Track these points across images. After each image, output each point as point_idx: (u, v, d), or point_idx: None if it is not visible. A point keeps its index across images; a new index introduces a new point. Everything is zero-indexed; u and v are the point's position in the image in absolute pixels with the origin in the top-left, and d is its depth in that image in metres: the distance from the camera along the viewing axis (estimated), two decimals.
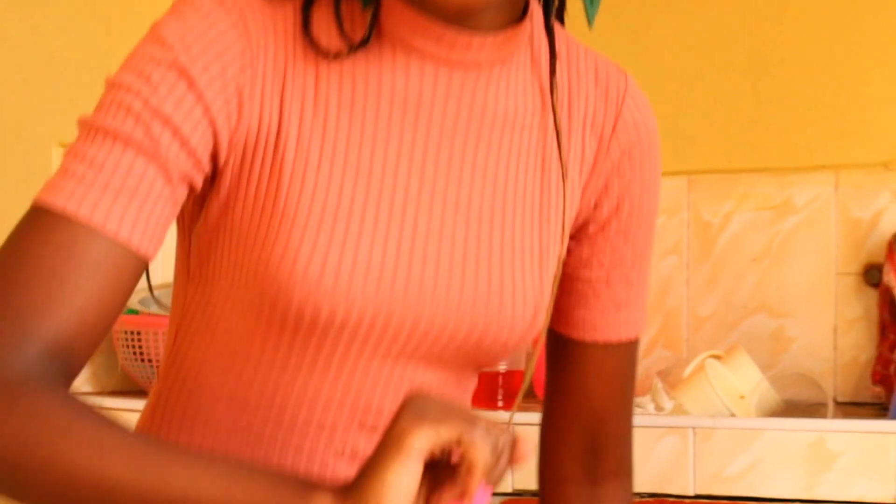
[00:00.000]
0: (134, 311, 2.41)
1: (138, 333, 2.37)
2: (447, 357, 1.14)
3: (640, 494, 1.97)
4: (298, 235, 1.07)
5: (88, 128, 1.06)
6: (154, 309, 2.33)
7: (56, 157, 2.31)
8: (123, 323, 2.38)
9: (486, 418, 0.94)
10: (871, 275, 2.55)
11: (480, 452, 0.91)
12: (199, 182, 1.07)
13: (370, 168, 1.09)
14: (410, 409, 0.93)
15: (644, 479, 1.94)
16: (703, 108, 2.68)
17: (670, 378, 2.31)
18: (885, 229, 2.54)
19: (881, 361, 2.48)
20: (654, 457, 1.96)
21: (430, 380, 1.15)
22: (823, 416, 2.23)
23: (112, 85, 1.06)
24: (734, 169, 2.67)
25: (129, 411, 2.16)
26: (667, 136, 2.63)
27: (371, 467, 0.93)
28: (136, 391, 2.42)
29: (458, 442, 0.92)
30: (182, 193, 1.07)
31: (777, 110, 2.64)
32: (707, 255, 2.68)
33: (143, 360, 2.34)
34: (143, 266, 1.06)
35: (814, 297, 2.60)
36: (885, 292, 2.48)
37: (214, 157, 1.08)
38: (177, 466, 0.96)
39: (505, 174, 1.15)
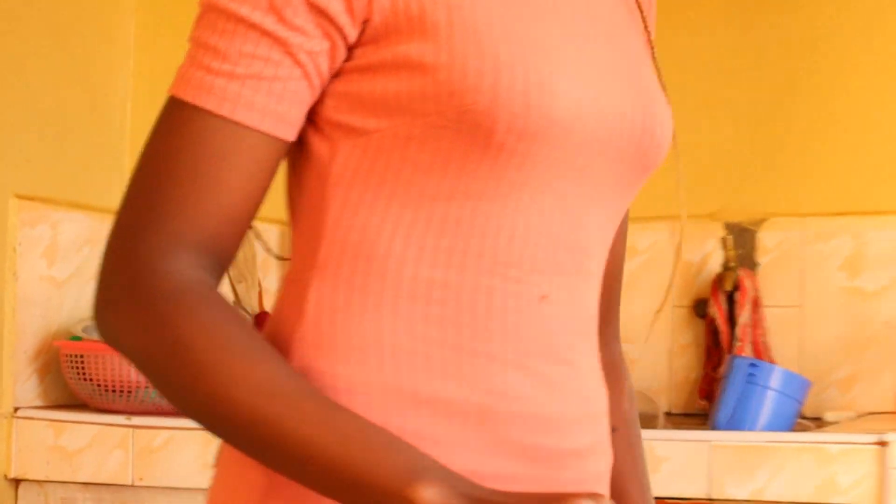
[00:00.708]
0: (77, 338, 2.42)
1: (81, 357, 2.36)
2: (620, 166, 1.05)
3: None
4: (490, 45, 0.96)
5: (212, 10, 0.95)
6: (96, 336, 2.20)
7: (13, 208, 2.28)
8: (68, 347, 2.39)
9: None
10: (700, 308, 2.67)
11: None
12: (342, 46, 0.96)
13: None
14: None
15: None
16: None
17: None
18: (711, 270, 2.67)
19: (706, 380, 2.63)
20: None
21: (605, 207, 1.06)
22: (655, 426, 2.37)
23: None
24: None
25: (75, 423, 2.30)
26: None
27: None
28: (79, 405, 2.42)
29: None
30: (321, 65, 0.96)
31: None
32: None
33: (85, 380, 2.35)
34: (282, 147, 0.96)
35: (653, 326, 2.67)
36: (710, 322, 2.63)
37: (358, 10, 0.96)
38: (292, 422, 0.89)
39: (613, 2, 1.10)
